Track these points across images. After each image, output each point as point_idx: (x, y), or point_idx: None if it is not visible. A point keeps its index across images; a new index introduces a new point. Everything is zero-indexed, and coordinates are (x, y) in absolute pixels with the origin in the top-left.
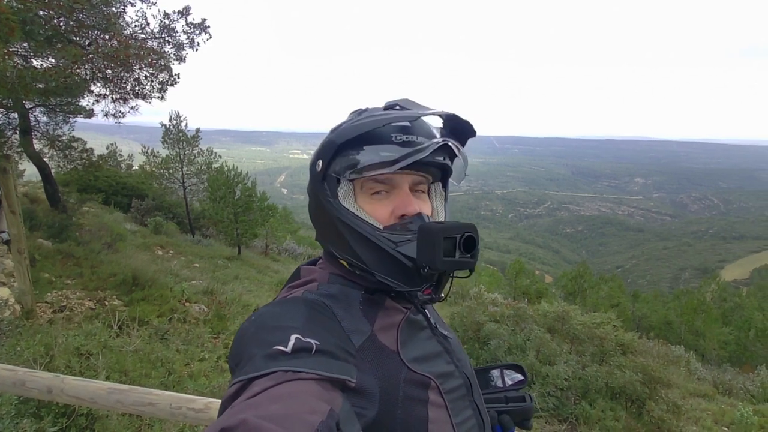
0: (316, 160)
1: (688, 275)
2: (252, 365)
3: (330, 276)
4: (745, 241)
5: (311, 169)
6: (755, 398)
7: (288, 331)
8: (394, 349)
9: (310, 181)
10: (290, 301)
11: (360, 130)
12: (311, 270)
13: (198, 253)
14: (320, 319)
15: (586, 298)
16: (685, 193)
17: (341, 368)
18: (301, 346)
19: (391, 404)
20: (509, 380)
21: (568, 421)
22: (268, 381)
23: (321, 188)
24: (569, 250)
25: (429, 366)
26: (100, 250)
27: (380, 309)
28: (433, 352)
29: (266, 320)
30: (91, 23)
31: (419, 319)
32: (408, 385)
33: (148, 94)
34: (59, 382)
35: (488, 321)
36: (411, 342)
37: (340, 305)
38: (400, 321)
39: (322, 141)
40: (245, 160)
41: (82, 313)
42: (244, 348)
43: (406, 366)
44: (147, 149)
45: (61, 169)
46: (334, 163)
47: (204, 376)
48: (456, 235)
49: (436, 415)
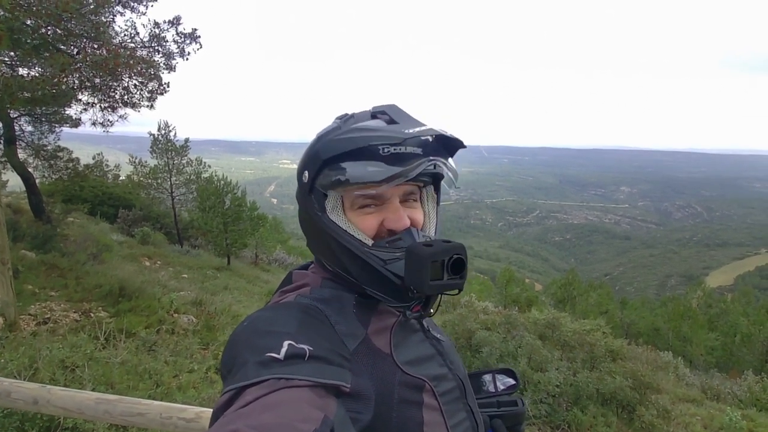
0: (303, 171)
1: (674, 282)
2: (244, 373)
3: (323, 280)
4: (728, 248)
5: (298, 177)
6: (743, 403)
7: (281, 337)
8: (387, 352)
9: (298, 190)
10: (283, 306)
11: (345, 146)
12: (303, 274)
13: (186, 263)
14: (314, 323)
15: (576, 305)
16: (669, 202)
17: (335, 374)
18: (294, 352)
19: (387, 407)
20: (501, 385)
21: (561, 427)
22: (261, 389)
23: (308, 201)
24: (558, 258)
25: (423, 368)
26: (86, 261)
27: (374, 312)
28: (426, 354)
29: (258, 325)
30: (79, 32)
31: (412, 322)
32: (402, 387)
33: (137, 103)
34: (45, 392)
35: (480, 329)
36: (404, 345)
37: (334, 309)
38: (393, 324)
39: (307, 148)
40: (234, 170)
41: (66, 325)
42: (237, 354)
43: (401, 369)
44: (135, 159)
45: (45, 179)
46: (321, 176)
47: (193, 387)
48: (444, 258)
49: (431, 417)
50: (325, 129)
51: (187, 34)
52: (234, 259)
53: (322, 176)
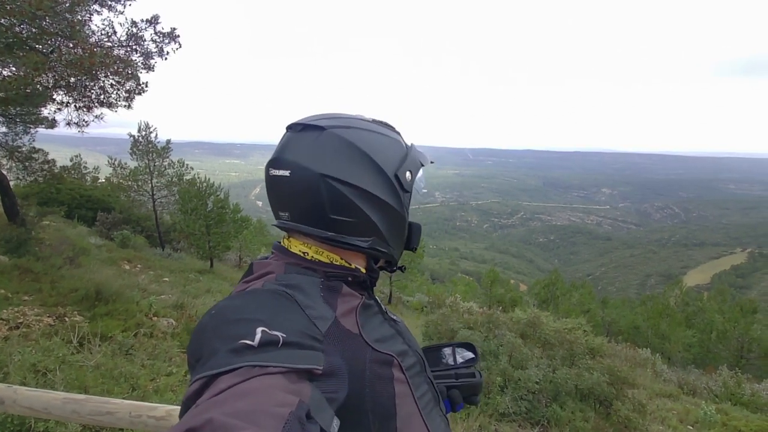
0: (405, 171)
1: (653, 281)
2: (215, 360)
3: (286, 266)
4: (705, 248)
5: (392, 175)
6: (718, 397)
7: (253, 323)
8: (356, 332)
9: (382, 184)
10: (251, 293)
11: (425, 159)
12: (265, 263)
13: (168, 266)
14: (284, 308)
15: (559, 305)
16: (648, 203)
17: (308, 358)
18: (268, 339)
19: (360, 384)
20: (460, 358)
21: (540, 423)
22: (235, 377)
23: (404, 198)
24: (542, 259)
25: (388, 346)
26: (61, 265)
27: (339, 295)
28: (388, 334)
29: (227, 314)
30: (54, 30)
31: (372, 304)
32: (373, 364)
33: (114, 103)
34: (12, 392)
35: (462, 328)
36: (369, 325)
37: (302, 293)
38: (357, 306)
39: (396, 149)
40: (219, 172)
41: (40, 330)
42: (205, 342)
43: (370, 347)
44: (114, 161)
45: (20, 181)
46: (418, 179)
47: (171, 391)
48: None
49: (401, 389)
50: (397, 134)
51: (165, 33)
52: (217, 262)
53: (418, 179)
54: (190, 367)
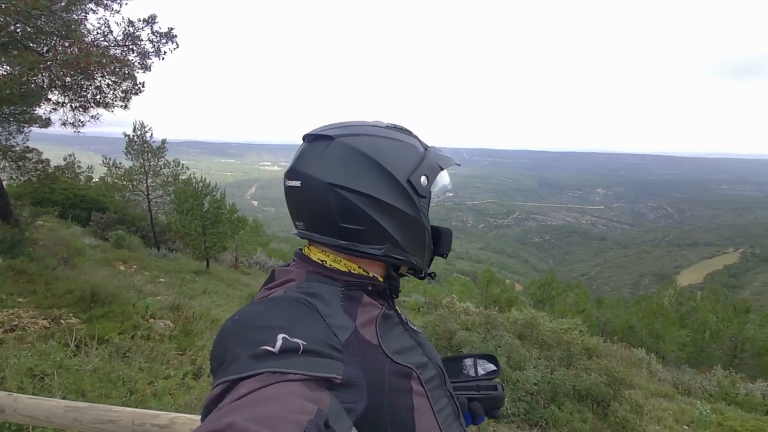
0: (419, 175)
1: (647, 281)
2: (237, 366)
3: (307, 274)
4: (698, 248)
5: (405, 180)
6: (713, 397)
7: (274, 330)
8: (376, 343)
9: (393, 189)
10: (273, 299)
11: (446, 163)
12: (287, 271)
13: (164, 267)
14: (305, 316)
15: (554, 305)
16: (642, 203)
17: (327, 366)
18: (289, 346)
19: (378, 396)
20: (482, 370)
21: (539, 425)
22: (255, 383)
23: (420, 203)
24: (538, 259)
25: (408, 357)
26: (56, 266)
27: (359, 305)
28: (407, 345)
29: (249, 320)
30: (49, 30)
31: (392, 314)
32: (392, 376)
33: (110, 103)
34: (12, 401)
35: (460, 329)
36: (389, 336)
37: (323, 302)
38: (377, 316)
39: (412, 155)
40: (214, 172)
41: (35, 333)
42: (227, 348)
43: (390, 358)
44: (108, 160)
45: (14, 181)
46: (434, 185)
47: (169, 394)
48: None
49: (420, 403)
50: (414, 138)
51: (162, 33)
52: (213, 263)
53: (435, 184)
54: (213, 372)
